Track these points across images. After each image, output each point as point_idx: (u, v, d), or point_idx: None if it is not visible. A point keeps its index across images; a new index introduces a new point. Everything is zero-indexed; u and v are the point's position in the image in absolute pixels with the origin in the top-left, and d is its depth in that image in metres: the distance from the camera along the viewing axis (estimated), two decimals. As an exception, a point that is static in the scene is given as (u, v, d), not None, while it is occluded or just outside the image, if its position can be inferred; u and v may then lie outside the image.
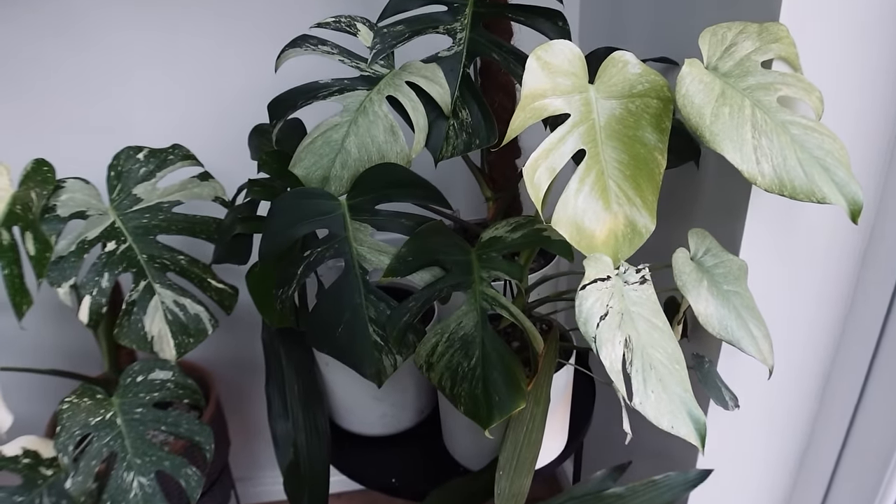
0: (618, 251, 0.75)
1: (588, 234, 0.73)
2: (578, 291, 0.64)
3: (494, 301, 0.85)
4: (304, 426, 1.07)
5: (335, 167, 0.85)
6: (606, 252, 0.74)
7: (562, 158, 0.72)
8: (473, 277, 0.87)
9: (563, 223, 0.71)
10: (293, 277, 0.86)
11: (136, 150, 1.10)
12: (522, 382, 0.83)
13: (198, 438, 1.05)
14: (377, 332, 0.85)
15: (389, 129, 0.86)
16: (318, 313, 0.85)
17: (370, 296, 0.85)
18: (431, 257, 0.86)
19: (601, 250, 0.74)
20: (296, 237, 0.84)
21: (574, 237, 0.72)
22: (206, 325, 1.09)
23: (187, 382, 1.06)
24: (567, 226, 0.71)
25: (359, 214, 0.86)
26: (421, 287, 0.86)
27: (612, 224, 0.74)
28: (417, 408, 1.13)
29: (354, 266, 0.85)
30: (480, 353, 0.83)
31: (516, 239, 0.88)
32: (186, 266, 1.10)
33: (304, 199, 0.85)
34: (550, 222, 0.71)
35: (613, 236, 0.74)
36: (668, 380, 0.66)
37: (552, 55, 0.71)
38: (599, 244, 0.73)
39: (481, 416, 0.81)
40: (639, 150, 0.75)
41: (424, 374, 0.85)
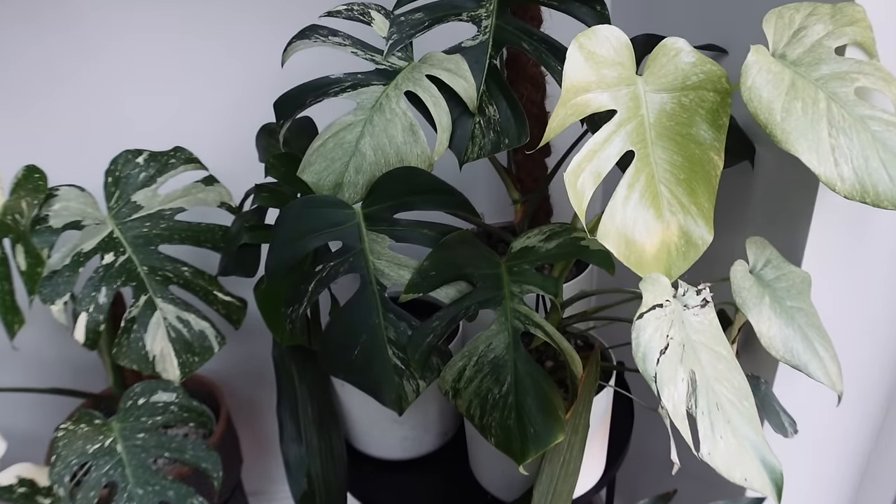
0: (671, 267, 0.65)
1: (638, 248, 0.64)
2: (635, 322, 0.55)
3: (528, 319, 0.76)
4: (319, 451, 0.99)
5: (349, 172, 0.77)
6: (658, 268, 0.65)
7: (608, 161, 0.63)
8: (504, 293, 0.78)
9: (611, 236, 0.62)
10: (303, 295, 0.77)
11: (135, 154, 1.02)
12: (560, 410, 0.74)
13: (205, 465, 0.97)
14: (397, 354, 0.76)
15: (409, 128, 0.77)
16: (332, 334, 0.77)
17: (389, 314, 0.76)
18: (457, 271, 0.77)
19: (652, 266, 0.65)
20: (305, 251, 0.76)
21: (622, 252, 0.63)
22: (212, 342, 1.01)
23: (192, 405, 0.98)
24: (615, 239, 0.62)
25: (375, 224, 0.77)
26: (446, 304, 0.77)
27: (664, 236, 0.65)
28: (441, 430, 1.04)
29: (371, 282, 0.76)
30: (513, 377, 0.74)
31: (551, 250, 0.79)
32: (190, 278, 1.02)
33: (314, 208, 0.76)
34: (595, 234, 0.62)
35: (666, 250, 0.65)
36: (737, 421, 0.57)
37: (596, 43, 0.61)
38: (650, 259, 0.64)
39: (514, 450, 0.73)
40: (693, 151, 0.66)
41: (451, 402, 0.77)
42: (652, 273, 0.60)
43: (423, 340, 0.76)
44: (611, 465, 0.98)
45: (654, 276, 0.59)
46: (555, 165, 0.96)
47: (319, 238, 0.76)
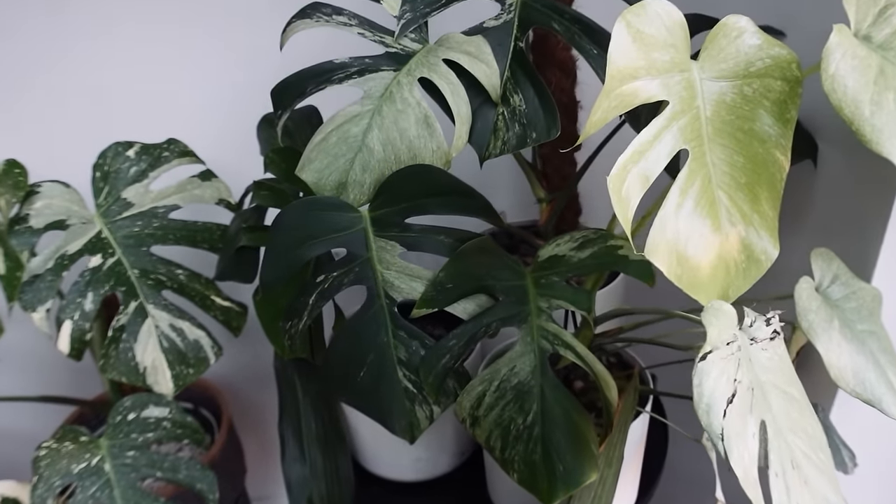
0: (728, 287, 0.56)
1: (692, 265, 0.54)
2: (697, 365, 0.45)
3: (557, 339, 0.67)
4: (324, 471, 0.91)
5: (354, 170, 0.68)
6: (714, 289, 0.55)
7: (657, 162, 0.53)
8: (529, 308, 0.69)
9: (660, 251, 0.52)
10: (303, 308, 0.69)
11: (125, 147, 0.93)
12: (593, 444, 0.65)
13: (200, 486, 0.89)
14: (408, 376, 0.67)
15: (423, 120, 0.67)
16: (336, 353, 0.68)
17: (399, 332, 0.67)
18: (477, 283, 0.68)
19: (707, 287, 0.55)
20: (305, 259, 0.67)
21: (674, 270, 0.53)
22: (208, 352, 0.92)
23: (187, 421, 0.90)
24: (665, 255, 0.53)
25: (384, 230, 0.68)
26: (464, 319, 0.68)
27: (722, 250, 0.55)
28: (457, 450, 0.95)
29: (379, 295, 0.67)
30: (539, 406, 0.65)
31: (584, 259, 0.70)
32: (185, 282, 0.94)
33: (314, 211, 0.67)
34: (644, 249, 0.52)
35: (724, 267, 0.56)
36: (815, 480, 0.48)
37: (646, 20, 0.52)
38: (706, 279, 0.55)
39: (540, 489, 0.64)
40: (756, 150, 0.56)
41: (468, 431, 0.68)
42: (715, 301, 0.50)
43: (437, 361, 0.67)
44: (643, 496, 0.89)
45: (717, 305, 0.50)
46: (585, 161, 0.86)
47: (321, 245, 0.67)
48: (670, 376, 0.92)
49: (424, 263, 0.69)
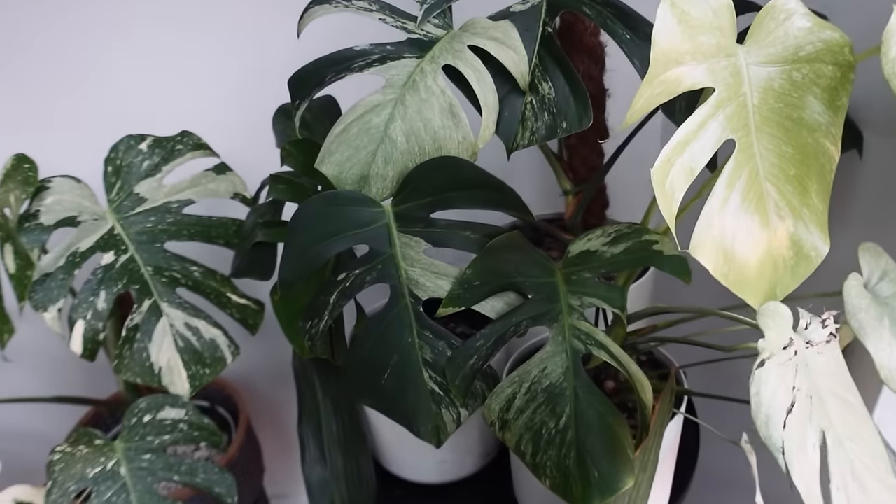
0: (776, 285, 0.52)
1: (739, 263, 0.51)
2: (755, 373, 0.42)
3: (589, 338, 0.64)
4: (345, 474, 0.88)
5: (376, 163, 0.65)
6: (761, 287, 0.52)
7: (703, 153, 0.49)
8: (560, 306, 0.65)
9: (706, 249, 0.49)
10: (324, 308, 0.66)
11: (137, 140, 0.90)
12: (629, 449, 0.62)
13: (218, 490, 0.86)
14: (434, 378, 0.65)
15: (448, 109, 0.64)
16: (358, 354, 0.65)
17: (425, 332, 0.64)
18: (505, 280, 0.65)
19: (754, 286, 0.52)
20: (325, 257, 0.64)
21: (720, 268, 0.50)
22: (225, 352, 0.90)
23: (204, 423, 0.88)
24: (711, 252, 0.49)
25: (408, 225, 0.65)
26: (492, 319, 0.65)
27: (770, 247, 0.52)
28: (482, 451, 0.93)
29: (403, 293, 0.64)
30: (572, 409, 0.62)
31: (618, 255, 0.66)
32: (201, 279, 0.91)
33: (335, 205, 0.64)
34: (689, 247, 0.49)
35: (771, 264, 0.52)
36: (875, 492, 0.44)
37: (692, 2, 0.48)
38: (753, 277, 0.52)
39: (574, 496, 0.61)
40: (805, 139, 0.53)
41: (498, 435, 0.65)
42: (770, 302, 0.47)
43: (465, 363, 0.64)
44: (674, 500, 0.86)
45: (773, 306, 0.46)
46: (614, 152, 0.82)
47: (342, 242, 0.64)
48: (700, 375, 0.88)
49: (445, 259, 0.66)
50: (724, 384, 1.07)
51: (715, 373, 1.07)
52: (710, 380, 1.06)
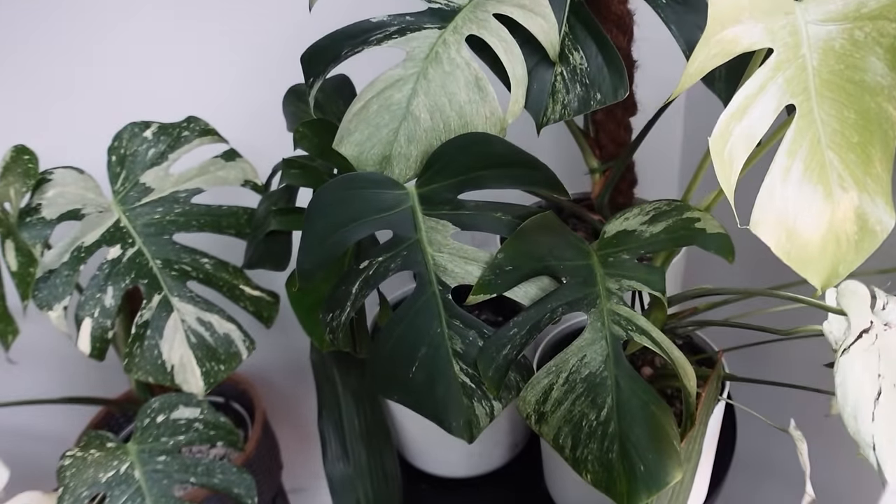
0: (839, 263, 0.48)
1: (802, 239, 0.46)
2: (840, 359, 0.38)
3: (630, 324, 0.60)
4: (369, 470, 0.85)
5: (399, 142, 0.60)
6: (823, 265, 0.48)
7: (763, 119, 0.45)
8: (598, 290, 0.61)
9: (768, 225, 0.45)
10: (346, 299, 0.62)
11: (142, 127, 0.86)
12: (675, 440, 0.58)
13: (237, 490, 0.83)
14: (465, 370, 0.61)
15: (474, 82, 0.60)
16: (383, 348, 0.61)
17: (454, 321, 0.60)
18: (539, 264, 0.61)
19: (817, 263, 0.47)
20: (346, 245, 0.60)
21: (783, 246, 0.46)
22: (240, 347, 0.86)
23: (220, 421, 0.84)
24: (773, 229, 0.45)
25: (435, 208, 0.61)
26: (526, 305, 0.61)
27: (833, 221, 0.48)
28: (511, 442, 0.89)
29: (431, 281, 0.60)
30: (614, 400, 0.58)
31: (658, 234, 0.62)
32: (212, 272, 0.87)
33: (355, 189, 0.60)
34: (750, 224, 0.44)
35: (834, 240, 0.48)
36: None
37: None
38: (815, 254, 0.47)
39: (619, 492, 0.57)
40: (867, 104, 0.48)
41: (534, 428, 0.61)
42: (849, 282, 0.43)
43: (498, 353, 0.60)
44: (713, 488, 0.82)
45: (852, 286, 0.42)
46: (643, 127, 0.78)
47: (363, 228, 0.60)
48: (733, 360, 0.84)
49: (468, 243, 0.62)
50: (760, 368, 1.03)
51: (749, 357, 1.03)
52: (745, 364, 1.02)
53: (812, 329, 0.48)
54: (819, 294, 0.48)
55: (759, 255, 0.95)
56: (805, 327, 0.49)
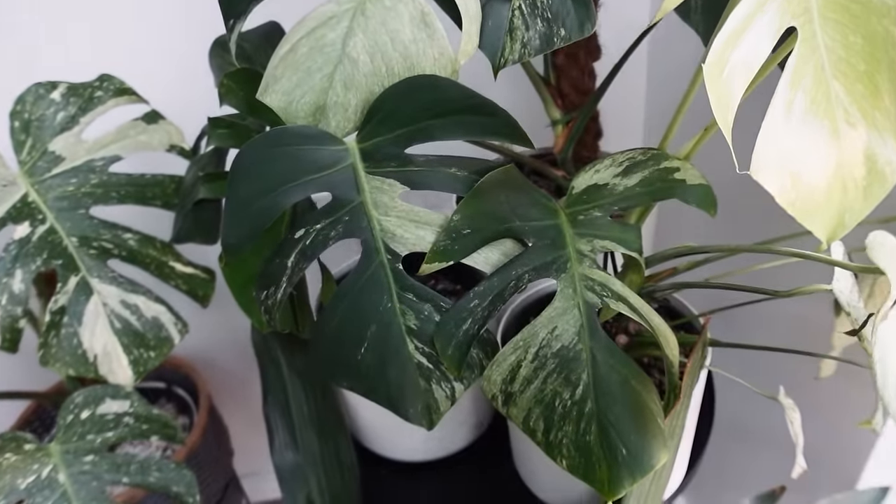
0: (845, 211, 0.42)
1: (807, 184, 0.40)
2: (878, 326, 0.31)
3: (605, 289, 0.53)
4: (322, 458, 0.77)
5: (334, 89, 0.52)
6: (828, 215, 0.41)
7: (760, 44, 0.38)
8: (568, 253, 0.54)
9: (770, 169, 0.38)
10: (281, 273, 0.54)
11: (48, 88, 0.76)
12: (659, 417, 0.52)
13: (176, 489, 0.75)
14: (421, 349, 0.53)
15: (420, 18, 0.51)
16: (327, 329, 0.53)
17: (406, 295, 0.53)
18: (500, 226, 0.54)
19: (821, 213, 0.41)
20: (278, 210, 0.52)
21: (786, 194, 0.39)
22: (171, 330, 0.77)
23: (153, 413, 0.76)
24: (776, 173, 0.39)
25: (379, 165, 0.53)
26: (487, 273, 0.54)
27: (839, 162, 0.41)
28: (475, 422, 0.82)
29: (378, 249, 0.53)
30: (590, 376, 0.52)
31: (633, 187, 0.55)
32: (137, 248, 0.78)
33: (285, 146, 0.52)
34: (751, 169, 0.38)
35: (840, 185, 0.41)
36: None
37: None
38: (821, 202, 0.41)
39: (599, 479, 0.51)
40: (874, 27, 0.42)
41: (501, 410, 0.54)
42: (877, 233, 0.37)
43: (457, 328, 0.53)
44: (693, 463, 0.77)
45: (880, 237, 0.36)
46: (609, 73, 0.70)
47: (296, 191, 0.52)
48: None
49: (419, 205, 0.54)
50: (732, 331, 0.98)
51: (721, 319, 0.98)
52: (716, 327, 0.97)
53: (816, 289, 0.42)
54: (824, 248, 0.42)
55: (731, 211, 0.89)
56: (808, 287, 0.43)
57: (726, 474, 1.11)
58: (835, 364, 0.65)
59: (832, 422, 0.81)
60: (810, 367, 0.83)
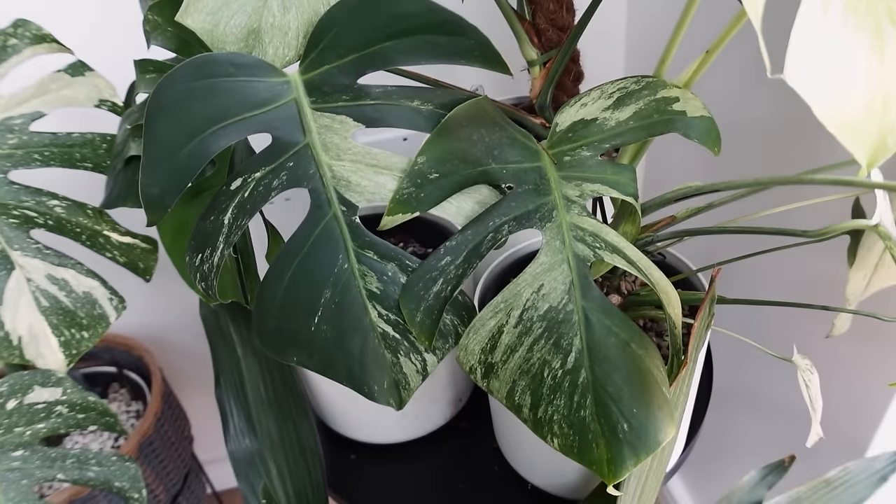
0: (887, 134, 0.34)
1: (847, 95, 0.32)
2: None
3: (597, 240, 0.46)
4: (281, 444, 0.70)
5: (270, 8, 0.43)
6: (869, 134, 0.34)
7: None
8: (553, 199, 0.47)
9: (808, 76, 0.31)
10: (217, 232, 0.46)
11: (-48, 35, 0.66)
12: (664, 386, 0.45)
13: (119, 483, 0.67)
14: (386, 317, 0.46)
15: (369, -80, 0.43)
16: (273, 294, 0.45)
17: (366, 253, 0.45)
18: (473, 170, 0.46)
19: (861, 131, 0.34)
20: (206, 157, 0.43)
21: (827, 107, 0.32)
22: (105, 307, 0.69)
23: (89, 401, 0.67)
24: (813, 80, 0.31)
25: (328, 99, 0.45)
26: (460, 225, 0.46)
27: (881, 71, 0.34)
28: (452, 397, 0.75)
29: (330, 200, 0.44)
30: (584, 341, 0.44)
31: (626, 121, 0.48)
32: (65, 216, 0.69)
33: (214, 77, 0.43)
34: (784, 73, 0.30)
35: (882, 100, 0.34)
36: None
37: None
38: (860, 119, 0.33)
39: (598, 459, 0.44)
40: None
41: (481, 384, 0.47)
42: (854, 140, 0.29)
43: (426, 290, 0.45)
44: (692, 435, 0.70)
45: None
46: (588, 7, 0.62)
47: (229, 132, 0.43)
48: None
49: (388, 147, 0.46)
50: (734, 291, 0.91)
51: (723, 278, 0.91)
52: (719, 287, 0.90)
53: (856, 225, 0.35)
54: (866, 174, 0.34)
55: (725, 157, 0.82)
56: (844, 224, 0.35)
57: (727, 445, 1.06)
58: (849, 320, 0.58)
59: (842, 385, 0.75)
60: (819, 325, 0.76)
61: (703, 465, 1.15)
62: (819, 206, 0.71)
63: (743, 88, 0.78)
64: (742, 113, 0.79)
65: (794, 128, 0.72)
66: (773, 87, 0.74)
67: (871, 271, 0.55)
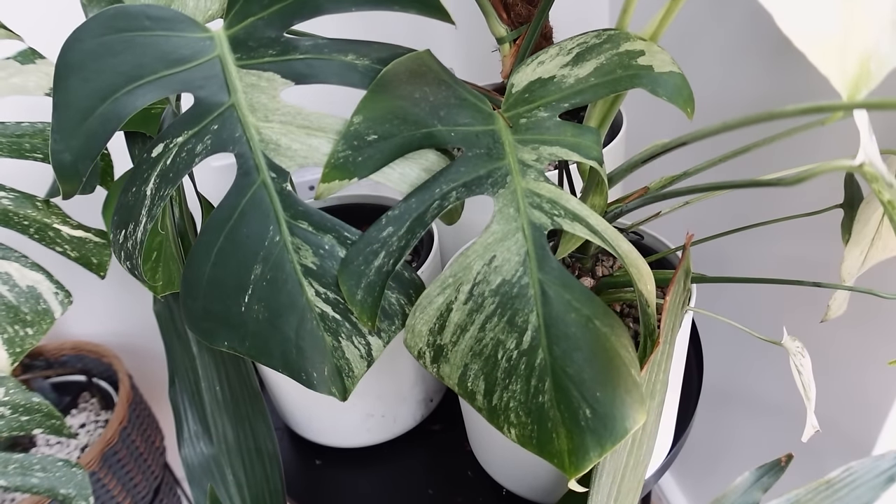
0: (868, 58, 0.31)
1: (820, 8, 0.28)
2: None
3: (555, 206, 0.42)
4: (238, 449, 0.65)
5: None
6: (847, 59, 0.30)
7: None
8: (507, 163, 0.43)
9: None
10: (140, 205, 0.42)
11: None
12: (634, 368, 0.40)
13: (64, 491, 0.63)
14: (324, 295, 0.41)
15: None
16: (198, 271, 0.41)
17: (299, 224, 0.41)
18: (416, 131, 0.42)
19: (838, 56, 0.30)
20: (122, 118, 0.40)
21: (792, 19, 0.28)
22: (51, 302, 0.65)
23: (33, 402, 0.63)
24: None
25: (254, 55, 0.41)
26: (404, 193, 0.42)
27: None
28: (421, 396, 0.70)
29: (259, 166, 0.40)
30: (541, 317, 0.40)
31: (586, 77, 0.44)
32: (12, 208, 0.65)
33: (130, 31, 0.39)
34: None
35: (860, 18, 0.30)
36: None
37: None
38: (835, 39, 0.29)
39: (557, 451, 0.40)
40: None
41: (430, 370, 0.43)
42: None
43: (367, 264, 0.41)
44: (681, 432, 0.65)
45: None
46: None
47: (146, 91, 0.40)
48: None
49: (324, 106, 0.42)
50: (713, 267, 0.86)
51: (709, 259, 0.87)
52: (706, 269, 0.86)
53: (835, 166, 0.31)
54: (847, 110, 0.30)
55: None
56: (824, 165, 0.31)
57: (719, 443, 1.00)
58: (846, 301, 0.54)
59: (842, 375, 0.70)
60: (815, 313, 0.72)
61: (700, 464, 1.09)
62: (808, 186, 0.67)
63: (724, 69, 0.75)
64: (723, 94, 0.75)
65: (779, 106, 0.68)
66: (755, 65, 0.70)
67: (868, 245, 0.51)
